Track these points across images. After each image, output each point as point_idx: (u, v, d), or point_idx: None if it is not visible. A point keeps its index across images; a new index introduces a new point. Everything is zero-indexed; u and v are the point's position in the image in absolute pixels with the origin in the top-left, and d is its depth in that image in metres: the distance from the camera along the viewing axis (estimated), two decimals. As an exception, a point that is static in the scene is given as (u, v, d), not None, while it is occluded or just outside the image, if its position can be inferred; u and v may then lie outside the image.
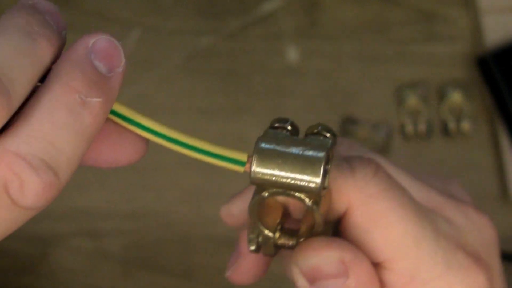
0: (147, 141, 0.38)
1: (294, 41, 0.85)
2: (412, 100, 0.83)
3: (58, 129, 0.31)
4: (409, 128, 0.82)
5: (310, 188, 0.36)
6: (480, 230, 0.41)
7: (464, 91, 0.83)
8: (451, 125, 0.82)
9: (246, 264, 0.43)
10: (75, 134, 0.32)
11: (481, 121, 0.83)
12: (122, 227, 0.81)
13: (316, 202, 0.37)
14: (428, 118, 0.83)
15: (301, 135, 0.42)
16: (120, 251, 0.81)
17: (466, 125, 0.82)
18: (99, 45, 0.35)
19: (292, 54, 0.85)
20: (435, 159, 0.82)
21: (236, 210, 0.45)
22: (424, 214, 0.38)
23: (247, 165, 0.40)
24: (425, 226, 0.37)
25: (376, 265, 0.37)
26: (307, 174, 0.37)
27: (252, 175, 0.38)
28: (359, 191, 0.38)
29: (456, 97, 0.83)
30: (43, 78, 0.33)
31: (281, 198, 0.39)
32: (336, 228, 0.40)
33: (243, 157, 0.40)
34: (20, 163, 0.30)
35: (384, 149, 0.81)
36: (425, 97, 0.83)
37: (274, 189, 0.38)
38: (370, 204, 0.37)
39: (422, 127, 0.82)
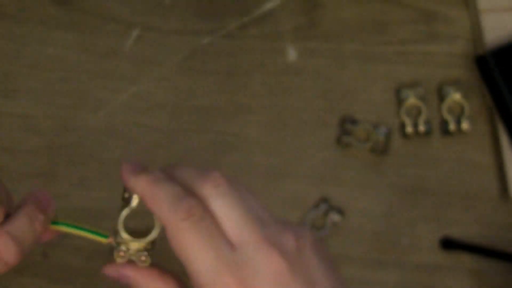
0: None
1: (294, 40, 0.85)
2: (412, 100, 0.83)
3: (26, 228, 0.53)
4: (409, 127, 0.82)
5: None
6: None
7: (464, 91, 0.83)
8: (451, 125, 0.82)
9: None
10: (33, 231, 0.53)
11: (481, 121, 0.83)
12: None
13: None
14: (427, 118, 0.83)
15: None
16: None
17: (465, 125, 0.82)
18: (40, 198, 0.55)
19: (292, 53, 0.85)
20: (434, 159, 0.82)
21: None
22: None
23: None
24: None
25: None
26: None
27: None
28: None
29: (455, 96, 0.83)
30: None
31: None
32: None
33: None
34: (7, 237, 0.51)
35: (383, 149, 0.82)
36: (424, 96, 0.83)
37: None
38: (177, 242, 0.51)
39: (421, 126, 0.82)
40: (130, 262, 0.53)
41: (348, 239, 0.81)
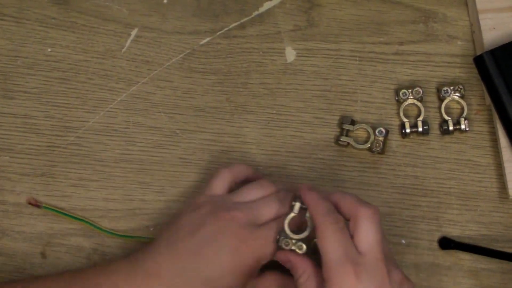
0: None
1: (292, 41, 0.85)
2: (411, 100, 0.83)
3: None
4: (408, 128, 0.82)
5: None
6: None
7: (463, 91, 0.83)
8: (450, 125, 0.82)
9: None
10: None
11: (480, 121, 0.83)
12: (122, 226, 0.81)
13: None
14: (427, 118, 0.83)
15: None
16: (120, 250, 0.81)
17: (464, 125, 0.82)
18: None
19: (290, 54, 0.85)
20: (433, 159, 0.83)
21: None
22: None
23: None
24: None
25: None
26: None
27: None
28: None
29: (454, 96, 0.83)
30: None
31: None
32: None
33: None
34: None
35: (382, 149, 0.82)
36: (424, 96, 0.83)
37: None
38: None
39: (421, 126, 0.82)
40: (291, 250, 0.71)
41: (347, 238, 0.82)
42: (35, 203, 0.78)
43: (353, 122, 0.83)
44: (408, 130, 0.82)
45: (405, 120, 0.83)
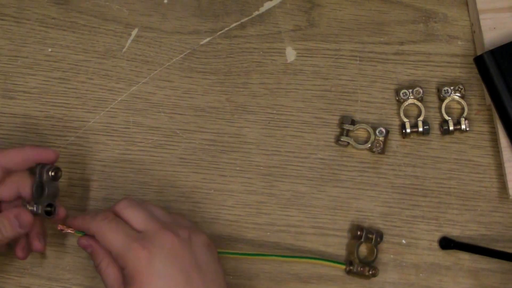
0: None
1: (293, 41, 0.85)
2: (411, 100, 0.83)
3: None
4: (408, 128, 0.82)
5: None
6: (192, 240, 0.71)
7: (463, 91, 0.83)
8: (450, 125, 0.82)
9: None
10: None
11: (480, 121, 0.83)
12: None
13: None
14: (427, 118, 0.83)
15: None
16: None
17: (465, 124, 0.82)
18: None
19: (291, 54, 0.85)
20: (434, 159, 0.83)
21: None
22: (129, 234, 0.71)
23: None
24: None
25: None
26: None
27: None
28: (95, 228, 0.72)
29: (454, 96, 0.83)
30: None
31: None
32: None
33: None
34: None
35: (383, 149, 0.82)
36: (424, 96, 0.83)
37: None
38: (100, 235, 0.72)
39: (421, 126, 0.82)
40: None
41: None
42: (66, 229, 0.76)
43: (353, 122, 0.83)
44: (408, 130, 0.82)
45: (405, 120, 0.83)
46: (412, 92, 0.83)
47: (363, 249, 0.81)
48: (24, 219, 0.73)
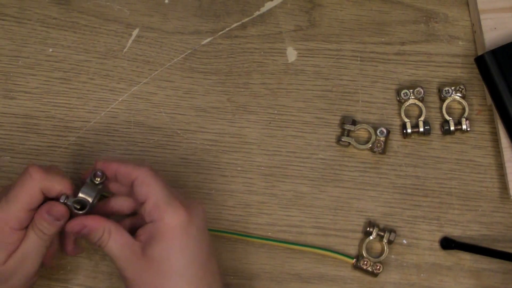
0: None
1: (293, 41, 0.85)
2: (412, 100, 0.83)
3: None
4: (409, 128, 0.82)
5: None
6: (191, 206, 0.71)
7: (464, 91, 0.83)
8: (451, 125, 0.82)
9: None
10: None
11: (481, 121, 0.83)
12: (123, 227, 0.81)
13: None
14: (428, 118, 0.83)
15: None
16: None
17: (466, 125, 0.82)
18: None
19: (291, 54, 0.85)
20: (434, 159, 0.83)
21: None
22: (169, 190, 0.71)
23: None
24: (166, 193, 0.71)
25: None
26: None
27: None
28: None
29: (455, 96, 0.83)
30: None
31: None
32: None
33: None
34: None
35: (384, 149, 0.82)
36: (425, 96, 0.83)
37: None
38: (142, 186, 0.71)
39: (422, 126, 0.82)
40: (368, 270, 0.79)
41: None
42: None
43: (354, 122, 0.83)
44: (409, 130, 0.82)
45: (406, 120, 0.83)
46: (413, 92, 0.83)
47: (374, 246, 0.81)
48: (57, 211, 0.70)
